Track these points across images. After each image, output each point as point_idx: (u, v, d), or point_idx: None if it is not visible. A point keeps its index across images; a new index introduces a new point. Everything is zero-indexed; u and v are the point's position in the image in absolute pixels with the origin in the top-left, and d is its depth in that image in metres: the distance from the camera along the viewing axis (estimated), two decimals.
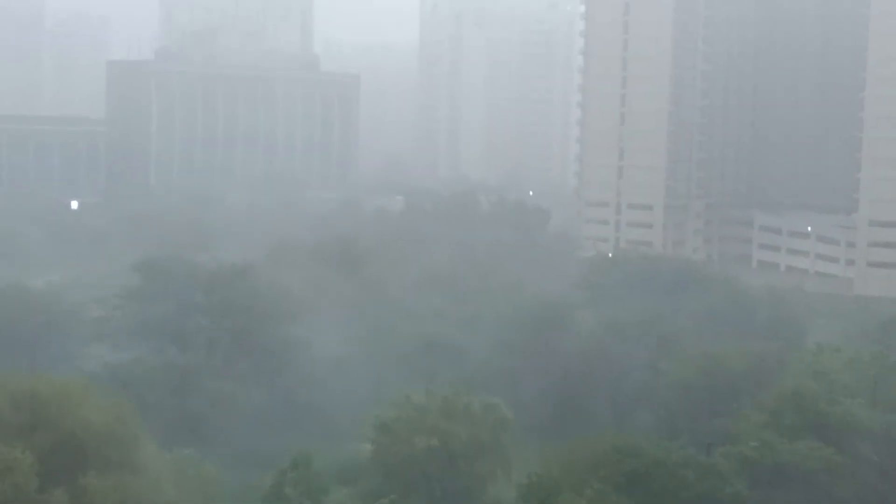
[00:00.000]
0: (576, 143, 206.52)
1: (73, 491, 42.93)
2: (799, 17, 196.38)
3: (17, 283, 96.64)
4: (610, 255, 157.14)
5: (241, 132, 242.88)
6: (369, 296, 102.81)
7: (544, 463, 52.30)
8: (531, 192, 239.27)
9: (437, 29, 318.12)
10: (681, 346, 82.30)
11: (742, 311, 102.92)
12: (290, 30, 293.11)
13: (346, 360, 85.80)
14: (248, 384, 78.11)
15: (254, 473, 57.68)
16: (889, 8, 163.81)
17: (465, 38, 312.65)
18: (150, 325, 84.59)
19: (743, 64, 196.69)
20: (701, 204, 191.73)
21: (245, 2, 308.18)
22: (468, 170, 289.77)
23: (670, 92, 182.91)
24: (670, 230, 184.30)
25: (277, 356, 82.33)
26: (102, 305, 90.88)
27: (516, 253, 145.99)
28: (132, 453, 46.77)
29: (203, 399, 72.28)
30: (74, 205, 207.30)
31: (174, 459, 52.47)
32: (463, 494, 55.87)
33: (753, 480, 54.05)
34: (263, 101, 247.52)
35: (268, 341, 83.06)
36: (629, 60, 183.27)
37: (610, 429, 64.27)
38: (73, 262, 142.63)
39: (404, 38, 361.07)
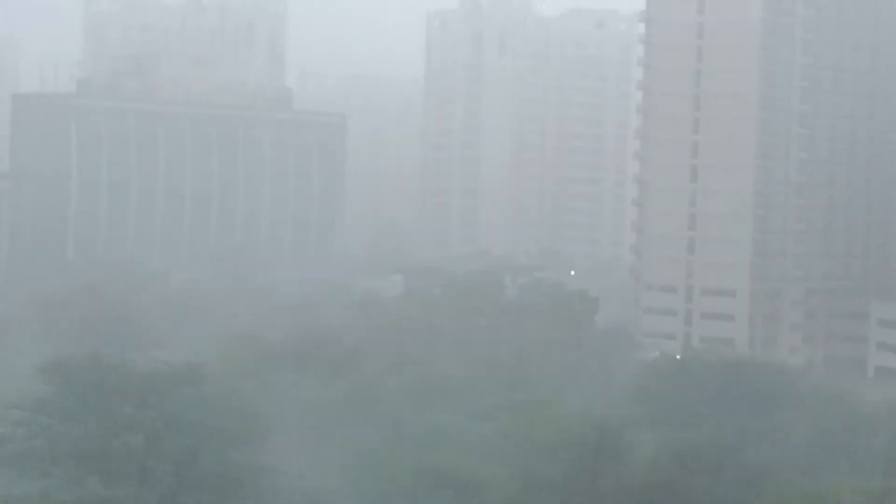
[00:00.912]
0: (632, 205, 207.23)
1: None
2: None
3: None
4: (678, 356, 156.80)
5: (188, 188, 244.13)
6: (356, 409, 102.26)
7: None
8: (573, 272, 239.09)
9: (449, 55, 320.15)
10: (774, 482, 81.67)
11: (857, 435, 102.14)
12: (255, 57, 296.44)
13: (326, 496, 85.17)
14: None
15: None
16: None
17: (486, 67, 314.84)
18: (65, 447, 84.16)
19: (854, 105, 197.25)
20: (799, 290, 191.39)
21: (195, 21, 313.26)
22: (489, 241, 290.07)
23: (757, 140, 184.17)
24: (759, 324, 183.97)
25: (232, 489, 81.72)
26: (1, 421, 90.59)
27: (553, 353, 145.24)
28: None
29: None
30: None
31: None
32: None
33: None
34: (219, 147, 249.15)
35: (220, 469, 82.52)
36: (703, 98, 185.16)
37: None
38: None
39: (404, 67, 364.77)
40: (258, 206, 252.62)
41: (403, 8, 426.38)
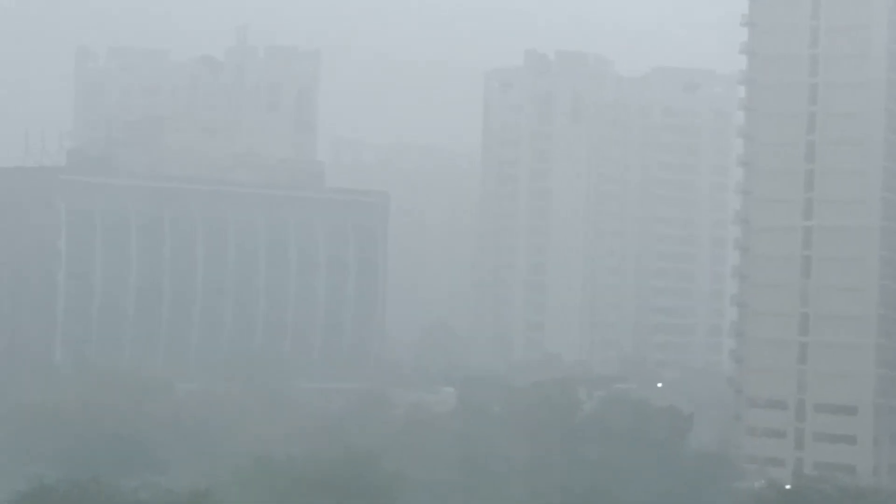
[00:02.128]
0: (732, 304, 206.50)
1: None
2: None
3: None
4: (788, 486, 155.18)
5: (198, 281, 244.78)
6: None
7: None
8: (660, 384, 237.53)
9: (511, 121, 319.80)
10: None
11: None
12: (279, 124, 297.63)
13: None
14: None
15: None
16: None
17: (556, 136, 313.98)
18: None
19: None
20: None
21: (208, 81, 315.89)
22: (558, 345, 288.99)
23: (882, 230, 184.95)
24: (885, 448, 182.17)
25: None
26: None
27: (638, 482, 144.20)
28: None
29: None
30: None
31: None
32: None
33: None
34: (236, 231, 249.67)
35: None
36: (818, 176, 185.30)
37: None
38: None
39: (457, 136, 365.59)
40: (282, 303, 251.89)
41: (457, 66, 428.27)
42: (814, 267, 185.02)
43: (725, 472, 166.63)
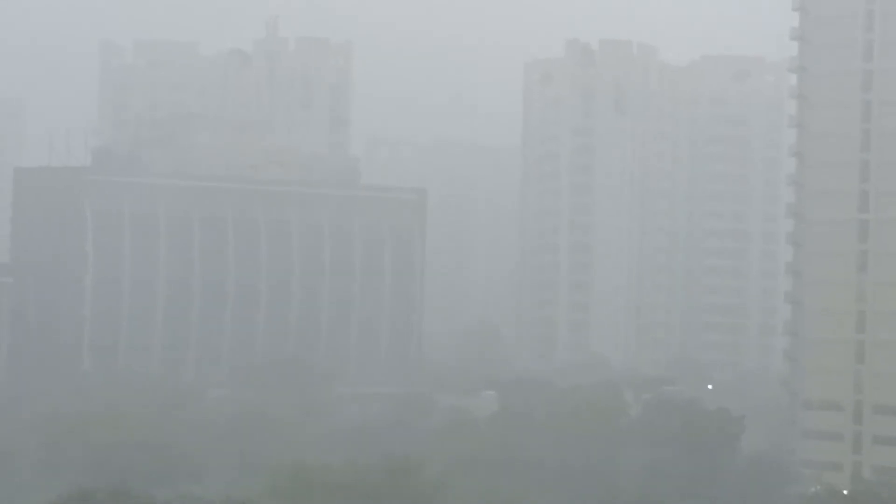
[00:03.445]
0: (785, 301, 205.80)
1: None
2: None
3: None
4: (845, 491, 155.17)
5: (230, 282, 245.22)
6: None
7: None
8: (710, 386, 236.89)
9: (552, 116, 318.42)
10: None
11: None
12: (312, 121, 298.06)
13: None
14: None
15: None
16: None
17: (599, 130, 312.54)
18: None
19: None
20: None
21: (238, 77, 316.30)
22: (604, 346, 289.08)
23: None
24: None
25: None
26: None
27: (688, 487, 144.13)
28: None
29: None
30: None
31: None
32: None
33: None
34: (267, 230, 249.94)
35: None
36: (874, 168, 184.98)
37: None
38: None
39: (495, 131, 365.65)
40: (316, 305, 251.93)
41: (493, 58, 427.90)
42: (870, 262, 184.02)
43: (779, 476, 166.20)
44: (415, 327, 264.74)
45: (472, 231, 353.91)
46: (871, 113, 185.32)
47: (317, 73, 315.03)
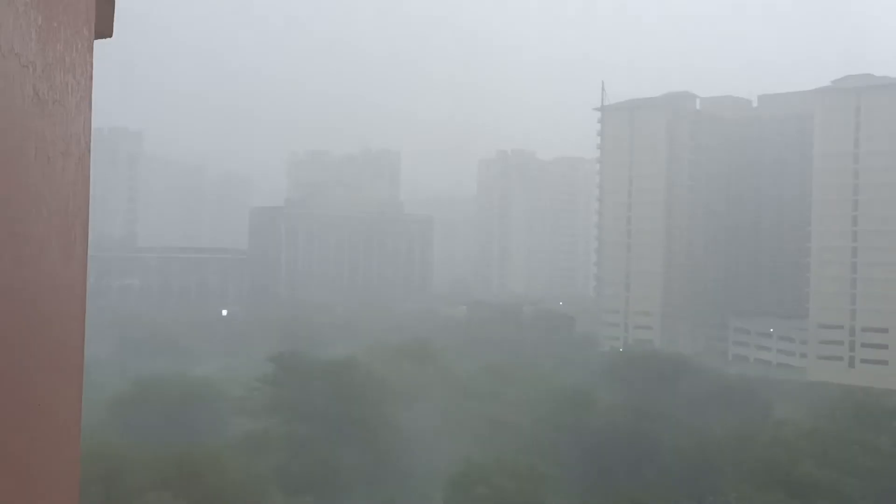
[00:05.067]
0: (594, 266, 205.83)
1: None
2: (757, 170, 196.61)
3: (179, 372, 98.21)
4: (621, 349, 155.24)
5: (346, 261, 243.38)
6: (443, 383, 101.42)
7: None
8: (561, 303, 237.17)
9: (491, 183, 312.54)
10: (677, 422, 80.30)
11: (722, 394, 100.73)
12: (381, 183, 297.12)
13: (427, 434, 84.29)
14: (352, 450, 77.19)
15: None
16: (828, 162, 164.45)
17: (512, 190, 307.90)
18: (280, 403, 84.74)
19: (718, 206, 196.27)
20: (690, 310, 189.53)
21: (349, 163, 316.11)
22: (515, 287, 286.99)
23: (665, 227, 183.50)
24: (667, 331, 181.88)
25: (375, 430, 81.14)
26: (244, 387, 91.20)
27: (550, 350, 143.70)
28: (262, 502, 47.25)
29: (317, 460, 71.77)
30: (224, 312, 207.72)
31: None
32: None
33: None
34: (362, 238, 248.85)
35: (367, 417, 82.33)
36: (634, 206, 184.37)
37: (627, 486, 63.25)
38: (222, 355, 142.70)
39: (464, 189, 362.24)
40: (384, 270, 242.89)
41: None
42: (632, 248, 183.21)
43: (592, 343, 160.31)
44: (428, 278, 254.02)
45: (453, 236, 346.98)
46: None
47: None
